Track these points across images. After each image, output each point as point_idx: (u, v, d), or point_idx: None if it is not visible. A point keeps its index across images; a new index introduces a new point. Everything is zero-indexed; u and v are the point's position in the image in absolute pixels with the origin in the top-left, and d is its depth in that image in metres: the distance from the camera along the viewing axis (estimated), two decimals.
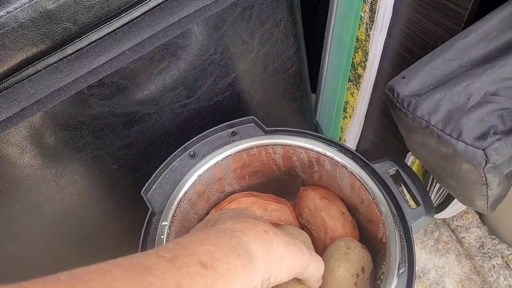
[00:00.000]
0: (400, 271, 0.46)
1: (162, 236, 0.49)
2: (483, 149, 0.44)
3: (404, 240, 0.49)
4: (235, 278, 0.32)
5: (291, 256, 0.39)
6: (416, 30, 0.57)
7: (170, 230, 0.50)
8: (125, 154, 0.55)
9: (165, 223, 0.49)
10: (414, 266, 0.48)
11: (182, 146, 0.56)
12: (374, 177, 0.53)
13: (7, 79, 0.43)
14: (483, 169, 0.44)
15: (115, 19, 0.44)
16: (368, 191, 0.50)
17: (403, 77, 0.49)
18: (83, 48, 0.44)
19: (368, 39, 0.61)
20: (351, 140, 0.76)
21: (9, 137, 0.45)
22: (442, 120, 0.46)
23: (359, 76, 0.66)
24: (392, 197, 0.52)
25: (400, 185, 0.55)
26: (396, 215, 0.50)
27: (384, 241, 0.48)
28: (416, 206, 0.52)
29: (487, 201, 0.50)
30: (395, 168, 0.54)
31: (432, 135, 0.47)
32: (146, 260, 0.29)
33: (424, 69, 0.49)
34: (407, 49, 0.60)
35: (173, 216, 0.50)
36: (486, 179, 0.46)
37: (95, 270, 0.27)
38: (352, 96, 0.70)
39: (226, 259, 0.32)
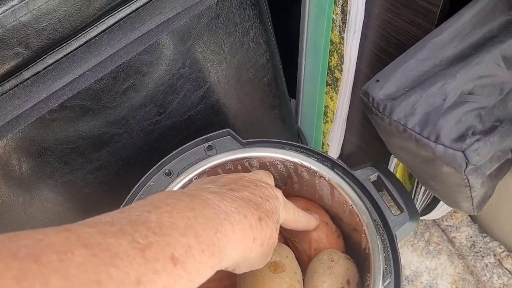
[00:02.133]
0: (385, 282, 0.45)
1: None
2: (462, 151, 0.42)
3: (389, 248, 0.47)
4: (199, 277, 0.31)
5: (262, 258, 0.40)
6: (390, 30, 0.56)
7: None
8: (97, 177, 0.53)
9: None
10: (401, 276, 0.46)
11: (157, 165, 0.54)
12: (355, 184, 0.51)
13: None
14: (464, 171, 0.43)
15: (71, 40, 0.42)
16: (347, 200, 0.49)
17: (377, 80, 0.48)
18: (39, 72, 0.42)
19: (342, 41, 0.59)
20: (334, 145, 0.75)
21: None
22: (419, 123, 0.44)
23: (337, 80, 0.65)
24: (375, 204, 0.50)
25: (383, 191, 0.53)
26: (379, 223, 0.49)
27: (367, 251, 0.47)
28: (400, 212, 0.50)
29: (472, 203, 0.49)
30: (376, 174, 0.52)
31: (410, 139, 0.45)
32: (117, 243, 0.27)
33: (398, 70, 0.47)
34: (382, 50, 0.58)
35: None
36: (468, 181, 0.44)
37: (59, 246, 0.25)
38: (332, 100, 0.68)
39: (200, 257, 0.30)
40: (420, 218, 0.67)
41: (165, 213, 0.31)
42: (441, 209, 0.64)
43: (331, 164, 0.52)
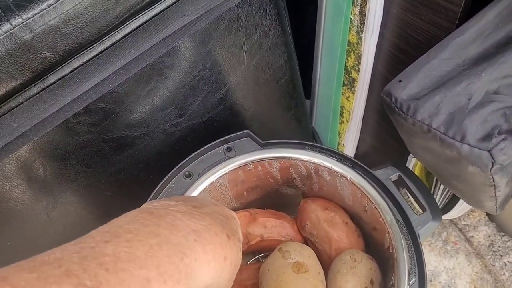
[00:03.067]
0: (411, 282, 0.45)
1: None
2: (488, 151, 0.42)
3: (412, 248, 0.47)
4: None
5: (229, 281, 0.38)
6: (409, 30, 0.56)
7: None
8: (118, 180, 0.53)
9: None
10: (425, 275, 0.46)
11: (177, 166, 0.54)
12: (376, 184, 0.51)
13: None
14: (490, 171, 0.43)
15: (97, 43, 0.42)
16: (370, 200, 0.49)
17: (400, 81, 0.48)
18: (65, 76, 0.42)
19: (360, 42, 0.59)
20: (350, 145, 0.75)
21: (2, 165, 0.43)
22: (444, 123, 0.44)
23: (354, 80, 0.65)
24: (397, 204, 0.50)
25: (404, 190, 0.53)
26: (401, 222, 0.49)
27: (391, 251, 0.47)
28: (422, 212, 0.50)
29: (496, 202, 0.49)
30: (397, 174, 0.52)
31: (435, 138, 0.45)
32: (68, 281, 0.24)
33: (421, 71, 0.47)
34: (400, 50, 0.58)
35: None
36: (493, 181, 0.44)
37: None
38: (348, 100, 0.68)
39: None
40: None
41: (124, 243, 0.28)
42: (459, 209, 0.64)
43: (351, 164, 0.52)
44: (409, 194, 0.52)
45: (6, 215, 0.46)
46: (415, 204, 0.52)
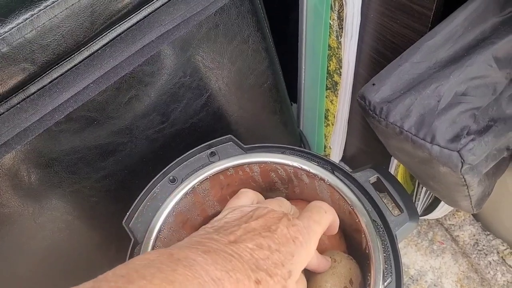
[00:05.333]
0: (386, 282, 0.45)
1: None
2: (457, 151, 0.43)
3: (389, 249, 0.48)
4: None
5: None
6: (386, 34, 0.57)
7: None
8: (104, 186, 0.55)
9: (146, 249, 0.48)
10: (401, 275, 0.47)
11: (161, 172, 0.55)
12: (355, 186, 0.52)
13: None
14: (460, 171, 0.44)
15: (75, 54, 0.43)
16: (347, 202, 0.50)
17: (373, 84, 0.49)
18: (45, 86, 0.43)
19: (340, 46, 0.61)
20: (336, 147, 0.76)
21: None
22: (415, 125, 0.45)
23: (336, 83, 0.66)
24: (375, 205, 0.51)
25: (384, 193, 0.54)
26: (379, 223, 0.50)
27: (367, 251, 0.48)
28: (399, 213, 0.51)
29: (471, 201, 0.49)
30: (375, 176, 0.53)
31: (407, 140, 0.46)
32: None
33: (393, 74, 0.48)
34: (379, 53, 0.59)
35: (154, 246, 0.49)
36: (465, 180, 0.45)
37: None
38: (332, 103, 0.69)
39: None
40: (423, 217, 0.68)
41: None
42: (443, 209, 0.65)
43: (331, 167, 0.53)
44: (387, 196, 0.53)
45: None
46: (394, 206, 0.53)
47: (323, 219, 0.43)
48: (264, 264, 0.33)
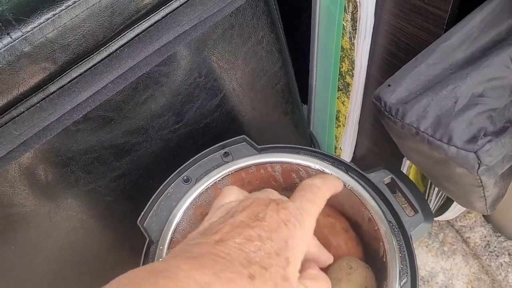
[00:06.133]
0: (402, 282, 0.46)
1: None
2: (474, 152, 0.43)
3: (404, 249, 0.48)
4: None
5: None
6: (400, 35, 0.57)
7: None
8: (119, 185, 0.55)
9: (162, 247, 0.49)
10: (417, 275, 0.47)
11: (175, 172, 0.56)
12: (370, 187, 0.52)
13: None
14: (477, 172, 0.44)
15: (94, 54, 0.43)
16: (367, 208, 0.49)
17: (389, 85, 0.49)
18: (64, 85, 0.43)
19: (352, 47, 0.61)
20: (347, 149, 0.76)
21: None
22: (431, 126, 0.45)
23: (348, 85, 0.66)
24: (389, 206, 0.51)
25: (397, 193, 0.54)
26: (394, 224, 0.50)
27: (384, 260, 0.48)
28: (414, 213, 0.51)
29: (486, 202, 0.50)
30: (390, 177, 0.53)
31: (423, 141, 0.46)
32: None
33: (409, 75, 0.48)
34: (392, 55, 0.59)
35: (172, 239, 0.50)
36: (481, 181, 0.45)
37: None
38: (343, 104, 0.69)
39: None
40: (434, 219, 0.68)
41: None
42: (455, 210, 0.65)
43: (345, 168, 0.53)
44: (401, 196, 0.53)
45: (10, 220, 0.48)
46: (408, 206, 0.53)
47: (317, 196, 0.39)
48: (256, 257, 0.31)
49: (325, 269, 0.54)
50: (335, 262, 0.54)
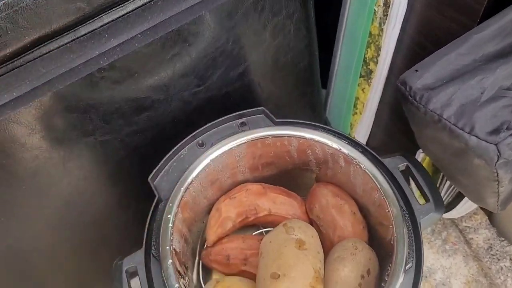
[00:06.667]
0: (407, 266, 0.46)
1: (169, 224, 0.49)
2: (495, 144, 0.43)
3: (412, 235, 0.48)
4: None
5: None
6: (430, 26, 0.57)
7: (177, 216, 0.49)
8: (133, 141, 0.55)
9: (171, 204, 0.49)
10: (422, 262, 0.47)
11: (191, 135, 0.56)
12: (384, 172, 0.52)
13: (19, 57, 0.43)
14: (495, 165, 0.44)
15: (129, 2, 0.44)
16: (380, 190, 0.49)
17: (416, 70, 0.49)
18: (95, 29, 0.44)
19: (381, 33, 0.61)
20: (361, 138, 0.76)
21: (19, 117, 0.44)
22: (455, 114, 0.45)
23: (371, 72, 0.66)
24: (401, 192, 0.51)
25: (410, 181, 0.54)
26: (405, 210, 0.50)
27: (392, 242, 0.48)
28: (425, 202, 0.51)
29: (498, 199, 0.50)
30: (405, 164, 0.53)
31: (444, 129, 0.46)
32: None
33: (438, 63, 0.48)
34: (420, 45, 0.59)
35: (182, 198, 0.50)
36: (497, 175, 0.45)
37: None
38: (363, 92, 0.69)
39: None
40: None
41: None
42: (462, 208, 0.65)
43: (361, 149, 0.53)
44: (414, 185, 0.53)
45: (24, 160, 0.48)
46: (420, 196, 0.53)
47: None
48: None
49: (329, 249, 0.54)
50: (340, 242, 0.54)
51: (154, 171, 0.53)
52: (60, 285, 0.66)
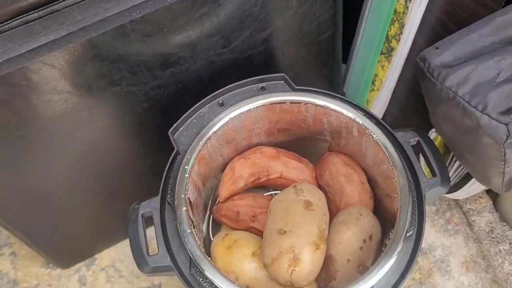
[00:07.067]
0: (408, 234, 0.48)
1: (185, 175, 0.51)
2: (506, 124, 0.44)
3: (416, 206, 0.50)
4: None
5: None
6: (455, 7, 0.57)
7: (193, 168, 0.52)
8: (157, 95, 0.57)
9: (189, 156, 0.52)
10: (423, 232, 0.49)
11: (212, 94, 0.58)
12: (396, 145, 0.54)
13: (57, 2, 0.45)
14: (504, 144, 0.45)
15: None
16: (389, 160, 0.51)
17: (436, 48, 0.50)
18: None
19: (406, 11, 0.61)
20: (377, 114, 0.77)
21: (53, 60, 0.47)
22: (469, 92, 0.47)
23: (392, 49, 0.67)
24: (410, 166, 0.53)
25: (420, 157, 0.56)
26: (411, 182, 0.51)
27: (396, 210, 0.50)
28: (432, 177, 0.53)
29: (503, 179, 0.51)
30: (416, 139, 0.55)
31: (458, 106, 0.48)
32: None
33: (459, 42, 0.49)
34: (443, 26, 0.60)
35: (199, 152, 0.52)
36: (505, 155, 0.47)
37: None
38: (383, 69, 0.70)
39: None
40: (445, 195, 0.70)
41: None
42: (468, 190, 0.67)
43: (375, 121, 0.55)
44: (423, 160, 0.55)
45: (53, 103, 0.51)
46: (428, 173, 0.55)
47: None
48: None
49: (334, 214, 0.57)
50: (346, 208, 0.56)
51: (175, 125, 0.56)
52: (77, 227, 0.70)
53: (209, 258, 0.48)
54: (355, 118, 0.54)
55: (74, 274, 0.75)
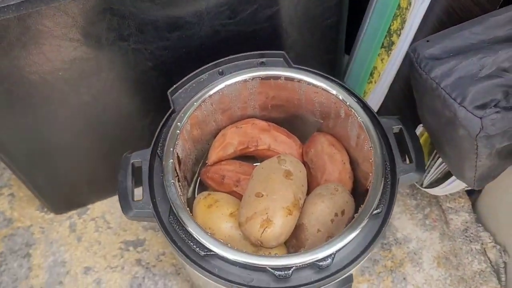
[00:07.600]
0: (375, 211, 0.50)
1: (177, 131, 0.55)
2: (480, 118, 0.47)
3: (388, 187, 0.53)
4: None
5: None
6: (455, 7, 0.60)
7: (185, 127, 0.55)
8: (162, 56, 0.61)
9: (183, 114, 0.55)
10: (390, 212, 0.51)
11: (213, 62, 0.61)
12: (378, 129, 0.56)
13: None
14: (476, 136, 0.48)
15: None
16: (369, 140, 0.54)
17: (427, 41, 0.53)
18: None
19: (409, 7, 0.64)
20: (373, 107, 0.79)
21: (67, 7, 0.50)
22: (451, 85, 0.49)
23: (393, 43, 0.69)
24: (389, 151, 0.55)
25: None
26: (388, 165, 0.54)
27: (368, 187, 0.52)
28: (408, 163, 0.55)
29: (475, 174, 0.54)
30: (399, 126, 0.57)
31: (439, 97, 0.50)
32: None
33: (450, 37, 0.52)
34: (442, 24, 0.62)
35: (193, 112, 0.55)
36: (477, 148, 0.49)
37: None
38: (382, 62, 0.73)
39: None
40: (425, 190, 0.72)
41: None
42: (446, 188, 0.69)
43: (363, 105, 0.58)
44: (403, 146, 0.57)
45: (63, 50, 0.54)
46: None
47: None
48: None
49: (313, 188, 0.60)
50: (324, 183, 0.59)
51: (174, 86, 0.59)
52: (74, 175, 0.74)
53: (188, 209, 0.51)
54: (342, 98, 0.57)
55: (66, 220, 0.79)
